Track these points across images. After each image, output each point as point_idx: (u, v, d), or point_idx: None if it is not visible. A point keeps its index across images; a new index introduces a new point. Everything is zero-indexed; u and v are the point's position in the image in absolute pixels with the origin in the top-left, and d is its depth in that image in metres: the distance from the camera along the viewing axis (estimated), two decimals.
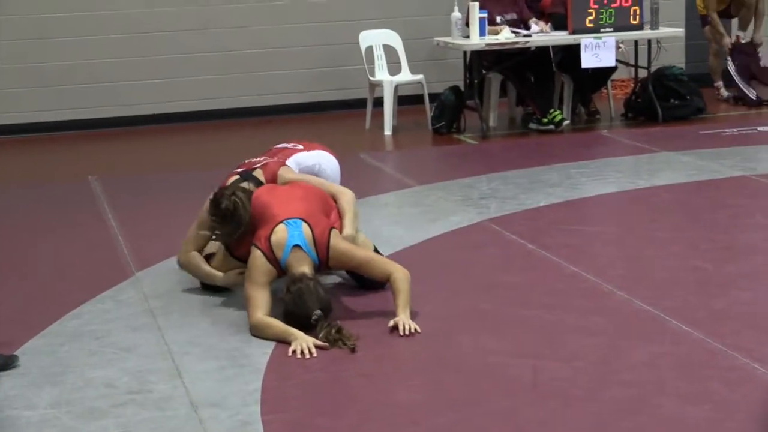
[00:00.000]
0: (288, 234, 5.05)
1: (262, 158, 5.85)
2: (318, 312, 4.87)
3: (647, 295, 5.25)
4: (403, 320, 4.93)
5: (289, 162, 5.82)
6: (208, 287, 5.53)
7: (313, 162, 5.95)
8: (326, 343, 4.77)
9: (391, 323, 4.94)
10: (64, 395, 4.36)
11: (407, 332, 4.87)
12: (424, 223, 6.74)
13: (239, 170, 5.75)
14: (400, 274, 5.09)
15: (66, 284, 5.83)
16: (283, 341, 4.81)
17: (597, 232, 6.63)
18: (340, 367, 4.59)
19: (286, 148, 6.04)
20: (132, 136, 10.30)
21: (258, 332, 4.92)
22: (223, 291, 5.51)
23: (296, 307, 4.89)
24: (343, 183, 5.86)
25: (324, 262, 5.12)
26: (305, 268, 5.02)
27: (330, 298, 5.04)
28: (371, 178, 8.19)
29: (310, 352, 4.70)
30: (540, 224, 6.68)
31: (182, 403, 4.25)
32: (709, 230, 6.49)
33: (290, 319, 4.90)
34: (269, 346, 4.81)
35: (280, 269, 5.06)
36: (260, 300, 4.96)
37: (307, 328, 4.84)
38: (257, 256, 5.04)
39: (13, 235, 6.92)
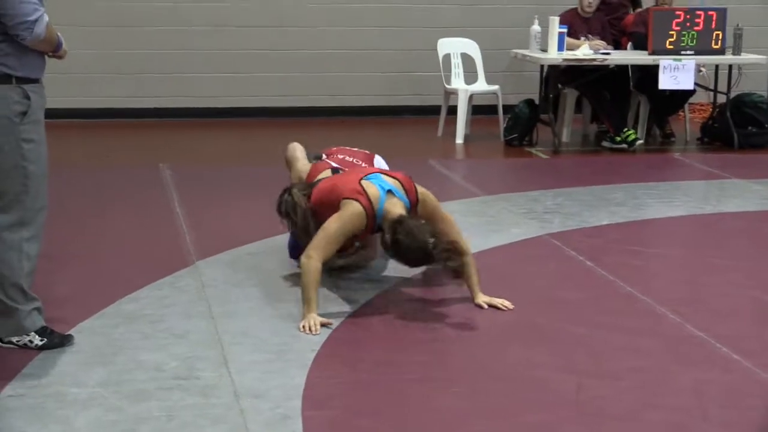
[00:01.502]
0: (377, 185, 5.26)
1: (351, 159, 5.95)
2: (432, 239, 5.04)
3: (700, 321, 5.21)
4: (494, 300, 5.33)
5: None
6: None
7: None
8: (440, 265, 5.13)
9: (483, 304, 5.31)
10: (113, 376, 4.46)
11: (510, 307, 5.32)
12: (485, 232, 6.75)
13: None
14: (469, 250, 5.36)
15: (127, 268, 5.95)
16: (303, 305, 5.04)
17: (657, 254, 6.59)
18: (386, 369, 4.63)
19: (349, 161, 5.99)
20: (207, 128, 10.45)
21: (303, 273, 5.09)
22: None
23: (412, 242, 5.04)
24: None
25: (414, 204, 5.31)
26: (401, 210, 5.20)
27: (433, 229, 5.16)
28: (439, 185, 8.16)
29: (315, 331, 4.92)
30: (600, 242, 6.66)
31: (226, 392, 4.32)
32: None
33: (408, 256, 5.12)
34: (317, 344, 4.87)
35: (374, 223, 5.23)
36: (330, 246, 5.15)
37: (427, 259, 5.10)
38: (355, 206, 5.19)
39: (81, 216, 7.07)
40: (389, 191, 5.24)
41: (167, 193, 7.68)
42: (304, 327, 5.00)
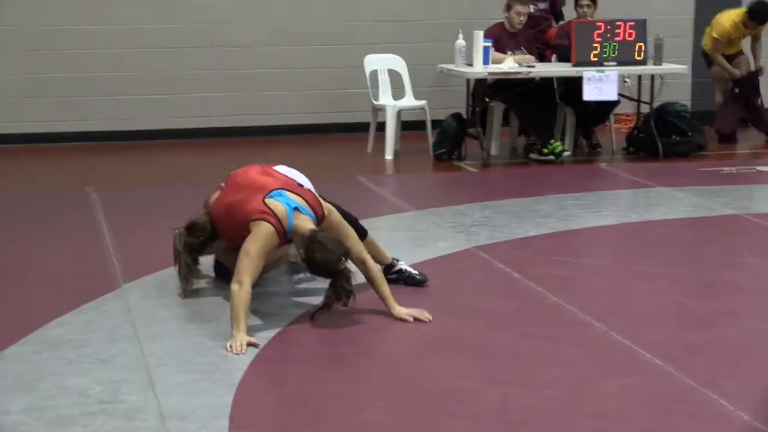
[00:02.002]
0: (283, 203, 5.35)
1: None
2: (343, 258, 5.21)
3: (625, 328, 5.28)
4: (411, 311, 5.38)
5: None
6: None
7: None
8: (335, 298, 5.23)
9: (407, 317, 5.35)
10: (37, 402, 4.41)
11: (429, 318, 5.37)
12: (413, 247, 6.77)
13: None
14: (374, 264, 5.52)
15: (52, 293, 5.89)
16: (232, 325, 5.06)
17: (584, 263, 6.66)
18: (311, 386, 4.63)
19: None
20: (134, 150, 10.38)
21: (233, 297, 5.13)
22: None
23: (324, 256, 5.18)
24: (341, 205, 5.88)
25: (321, 219, 5.44)
26: (311, 225, 5.32)
27: (345, 244, 5.30)
28: (368, 201, 8.24)
29: (241, 350, 4.95)
30: (528, 253, 6.71)
31: (152, 415, 4.30)
32: (696, 267, 6.52)
33: (318, 270, 5.28)
34: (245, 363, 4.85)
35: (285, 239, 5.38)
36: (255, 267, 5.23)
37: (335, 273, 5.20)
38: (265, 227, 5.30)
39: (5, 241, 6.98)
40: (295, 208, 5.36)
41: (94, 216, 7.61)
42: (231, 346, 4.99)
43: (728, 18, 10.78)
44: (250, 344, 5.01)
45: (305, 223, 5.34)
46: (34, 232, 7.24)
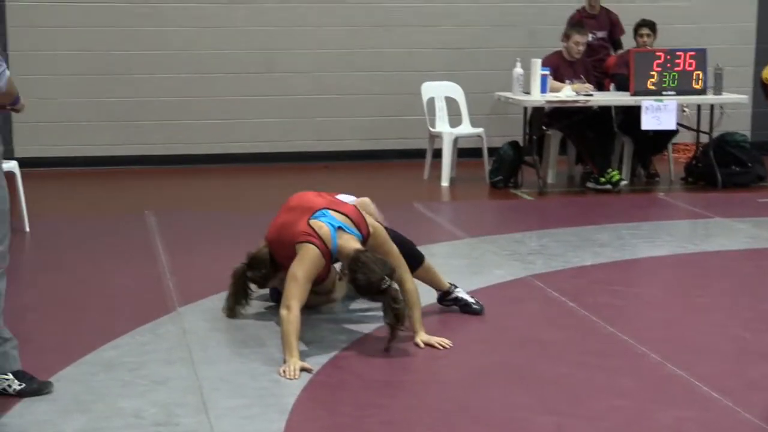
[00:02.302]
0: (326, 224, 5.35)
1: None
2: (386, 279, 5.15)
3: (681, 360, 5.22)
4: (431, 339, 5.37)
5: None
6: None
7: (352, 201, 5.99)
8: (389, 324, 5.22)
9: (420, 343, 5.36)
10: (91, 423, 4.45)
11: (446, 346, 5.35)
12: (468, 275, 6.75)
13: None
14: (413, 283, 5.48)
15: (109, 315, 5.95)
16: (283, 351, 5.08)
17: (640, 293, 6.60)
18: (365, 413, 4.62)
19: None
20: (195, 174, 10.49)
21: (282, 322, 5.15)
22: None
23: (367, 278, 5.16)
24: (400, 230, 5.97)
25: (366, 237, 5.43)
26: (356, 244, 5.31)
27: (390, 264, 5.26)
28: (424, 228, 8.23)
29: (294, 376, 4.95)
30: (583, 283, 6.67)
31: None
32: (754, 299, 6.44)
33: (362, 291, 5.25)
34: (298, 388, 4.86)
35: (331, 259, 5.42)
36: (302, 291, 5.23)
37: (380, 293, 5.17)
38: (310, 249, 5.30)
39: (66, 265, 7.08)
40: (339, 228, 5.36)
41: (151, 240, 7.69)
42: (284, 372, 5.00)
43: None
44: (303, 369, 5.02)
45: (350, 242, 5.34)
46: (94, 255, 7.33)
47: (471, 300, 5.98)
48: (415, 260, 5.80)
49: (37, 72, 10.26)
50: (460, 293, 6.00)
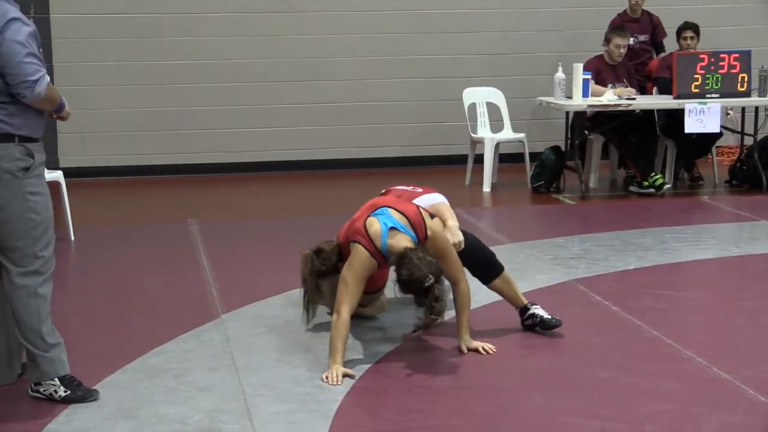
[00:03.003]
0: (380, 222, 5.26)
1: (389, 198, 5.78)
2: (431, 277, 5.06)
3: (727, 364, 5.18)
4: (475, 344, 5.37)
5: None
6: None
7: (430, 204, 5.81)
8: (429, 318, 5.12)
9: (464, 348, 5.36)
10: (137, 429, 4.49)
11: (490, 351, 5.35)
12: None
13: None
14: (466, 288, 5.40)
15: (153, 323, 6.00)
16: (330, 355, 5.11)
17: (684, 297, 6.55)
18: (408, 418, 4.63)
19: (406, 190, 5.94)
20: (237, 183, 10.55)
21: (333, 327, 5.16)
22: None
23: (410, 273, 5.07)
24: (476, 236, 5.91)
25: (422, 240, 5.29)
26: (408, 244, 5.21)
27: (438, 263, 5.17)
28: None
29: (337, 382, 4.97)
30: (626, 287, 6.64)
31: None
32: None
33: (405, 287, 5.15)
34: (341, 394, 4.88)
35: (382, 257, 5.26)
36: (352, 293, 5.18)
37: (422, 291, 5.10)
38: (359, 250, 5.24)
39: (110, 272, 7.14)
40: (392, 228, 5.25)
41: (194, 248, 7.74)
42: (327, 377, 5.02)
43: None
44: (346, 375, 5.04)
45: (402, 242, 5.21)
46: (138, 263, 7.39)
47: (547, 316, 5.73)
48: (492, 270, 5.70)
49: (82, 83, 10.36)
50: (537, 309, 5.75)
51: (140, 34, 10.55)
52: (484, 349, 5.38)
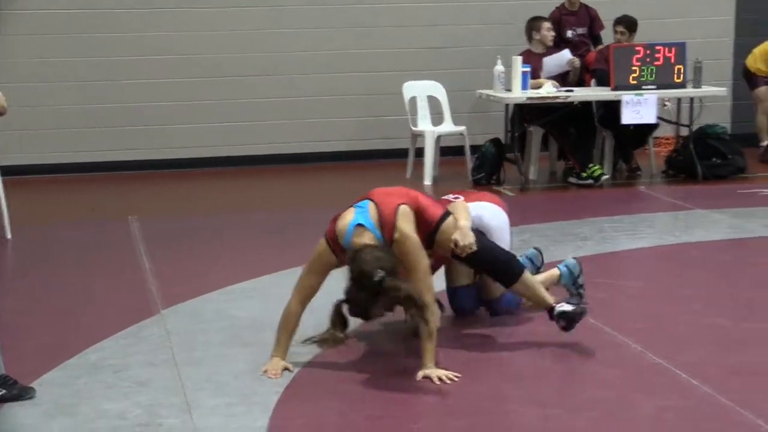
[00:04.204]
0: (353, 215, 5.00)
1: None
2: (381, 272, 4.71)
3: (662, 350, 5.26)
4: (437, 372, 4.86)
5: None
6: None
7: (473, 214, 5.48)
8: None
9: (420, 375, 4.86)
10: (77, 426, 4.47)
11: (447, 381, 4.84)
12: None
13: None
14: (433, 318, 4.88)
15: (92, 319, 5.97)
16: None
17: (621, 286, 6.63)
18: (349, 408, 4.66)
19: (448, 200, 5.64)
20: (177, 179, 10.49)
21: (281, 317, 5.09)
22: None
23: (359, 268, 4.74)
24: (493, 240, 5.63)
25: (389, 241, 4.93)
26: (367, 240, 4.90)
27: (396, 261, 4.80)
28: None
29: (275, 375, 4.94)
30: None
31: None
32: (734, 288, 6.50)
33: (357, 287, 4.76)
34: (281, 386, 4.89)
35: (344, 256, 4.94)
36: (304, 286, 5.07)
37: (377, 293, 4.73)
38: (320, 243, 5.07)
39: (48, 270, 7.09)
40: (359, 225, 4.96)
41: (135, 245, 7.70)
42: (265, 371, 5.01)
43: None
44: (285, 369, 5.04)
45: (363, 239, 4.90)
46: (77, 260, 7.35)
47: (569, 308, 5.32)
48: (508, 278, 5.33)
49: (20, 80, 10.25)
50: (562, 306, 5.34)
51: (84, 30, 10.45)
52: (440, 377, 4.86)
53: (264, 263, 7.02)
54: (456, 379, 4.86)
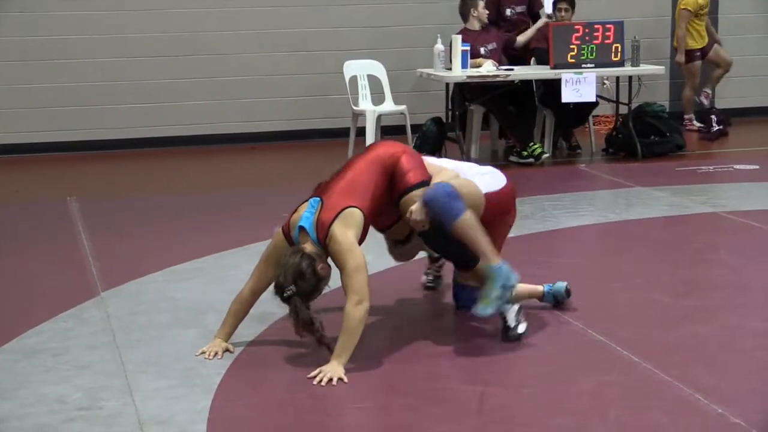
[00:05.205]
0: (302, 214, 4.97)
1: None
2: (292, 288, 4.76)
3: (602, 326, 5.31)
4: (328, 370, 4.70)
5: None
6: None
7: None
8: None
9: (327, 372, 4.70)
10: (15, 410, 4.42)
11: (322, 383, 4.65)
12: (385, 252, 6.76)
13: None
14: (353, 309, 4.78)
15: (30, 302, 5.90)
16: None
17: (562, 263, 6.67)
18: (292, 389, 4.65)
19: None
20: (117, 159, 10.40)
21: (233, 301, 5.12)
22: None
23: (278, 278, 4.82)
24: None
25: (321, 241, 4.90)
26: (307, 246, 4.89)
27: (316, 283, 4.81)
28: None
29: (216, 356, 4.96)
30: (506, 255, 6.59)
31: (130, 421, 4.31)
32: (673, 265, 6.57)
33: (275, 291, 4.85)
34: (223, 367, 4.87)
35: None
36: (256, 273, 5.07)
37: (284, 301, 4.81)
38: (277, 233, 5.06)
39: None
40: (302, 227, 4.94)
41: (74, 226, 7.61)
42: (204, 351, 5.00)
43: None
44: (226, 350, 5.02)
45: (304, 243, 4.90)
46: (14, 243, 7.25)
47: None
48: (463, 262, 5.33)
49: None
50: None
51: (8, 8, 10.29)
52: (323, 378, 4.67)
53: (205, 244, 6.98)
54: (332, 382, 4.66)
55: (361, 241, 5.01)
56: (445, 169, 5.44)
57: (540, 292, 5.62)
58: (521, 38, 10.22)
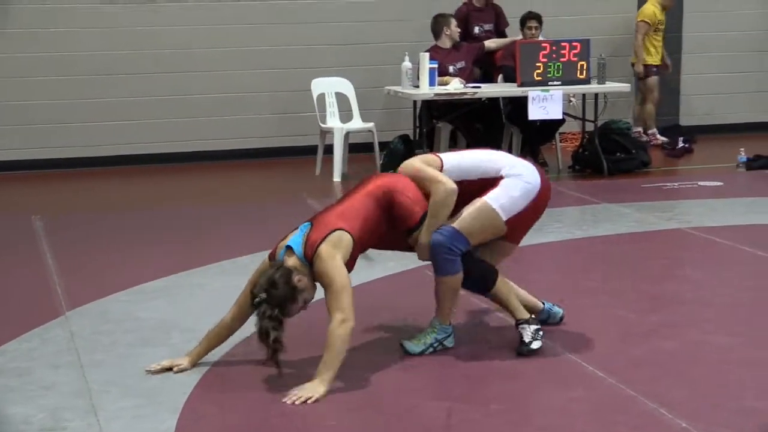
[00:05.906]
0: (291, 237, 4.99)
1: None
2: (262, 296, 4.74)
3: (569, 342, 5.33)
4: (307, 388, 4.69)
5: None
6: None
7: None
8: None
9: (306, 390, 4.68)
10: None
11: (295, 402, 4.62)
12: (359, 269, 6.72)
13: None
14: (337, 328, 4.77)
15: None
16: None
17: (529, 280, 6.63)
18: (258, 407, 4.63)
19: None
20: (87, 177, 10.36)
21: (215, 325, 5.11)
22: None
23: (254, 286, 4.85)
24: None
25: (309, 259, 4.88)
26: (289, 261, 4.89)
27: (290, 292, 4.77)
28: None
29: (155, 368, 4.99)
30: None
31: None
32: (639, 281, 6.59)
33: (250, 296, 4.86)
34: (189, 386, 4.84)
35: None
36: (240, 299, 5.04)
37: (256, 308, 4.78)
38: (264, 262, 5.06)
39: None
40: (288, 247, 4.94)
41: (38, 245, 7.57)
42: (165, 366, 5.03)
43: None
44: (175, 366, 5.02)
45: (289, 261, 4.89)
46: None
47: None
48: (489, 282, 5.37)
49: None
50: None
51: None
52: (297, 399, 4.65)
53: (172, 262, 6.95)
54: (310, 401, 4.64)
55: (350, 269, 4.99)
56: (475, 200, 5.35)
57: (539, 308, 5.63)
58: (491, 44, 10.28)
